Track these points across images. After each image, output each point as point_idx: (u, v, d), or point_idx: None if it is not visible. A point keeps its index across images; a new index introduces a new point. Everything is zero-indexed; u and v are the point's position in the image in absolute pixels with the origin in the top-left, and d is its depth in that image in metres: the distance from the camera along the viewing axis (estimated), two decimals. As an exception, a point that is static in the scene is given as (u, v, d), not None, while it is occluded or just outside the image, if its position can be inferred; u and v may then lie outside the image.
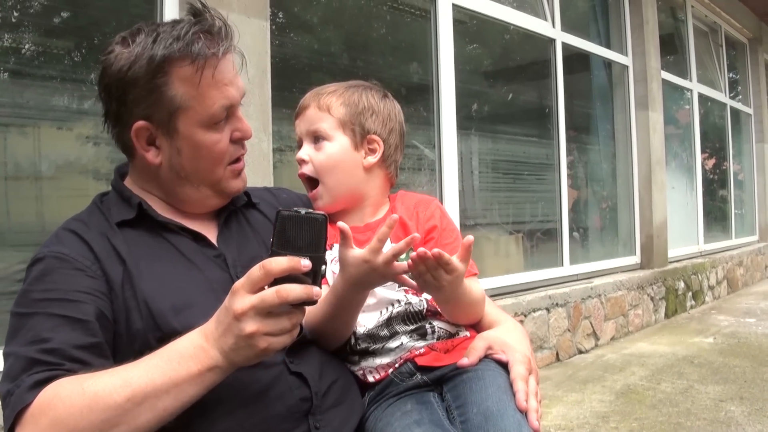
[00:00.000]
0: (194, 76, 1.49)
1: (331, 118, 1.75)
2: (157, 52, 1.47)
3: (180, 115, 1.51)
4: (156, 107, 1.50)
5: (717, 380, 5.03)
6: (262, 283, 1.23)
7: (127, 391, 1.23)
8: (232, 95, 1.55)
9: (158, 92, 1.49)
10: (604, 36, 7.84)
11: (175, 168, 1.57)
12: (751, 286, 10.65)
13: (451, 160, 5.20)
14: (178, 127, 1.52)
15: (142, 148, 1.55)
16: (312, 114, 1.76)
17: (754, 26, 11.95)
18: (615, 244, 7.86)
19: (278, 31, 4.44)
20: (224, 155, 1.59)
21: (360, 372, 1.67)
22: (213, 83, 1.51)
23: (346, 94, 1.78)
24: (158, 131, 1.53)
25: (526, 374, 1.57)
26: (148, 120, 1.52)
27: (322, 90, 1.80)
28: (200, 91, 1.50)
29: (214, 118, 1.54)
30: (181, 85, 1.49)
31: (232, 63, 1.57)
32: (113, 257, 1.47)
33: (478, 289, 1.71)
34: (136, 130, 1.53)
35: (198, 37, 1.49)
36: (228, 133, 1.58)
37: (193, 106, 1.51)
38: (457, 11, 5.36)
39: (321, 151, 1.75)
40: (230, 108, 1.57)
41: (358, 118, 1.76)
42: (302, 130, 1.79)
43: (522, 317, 5.26)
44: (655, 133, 7.92)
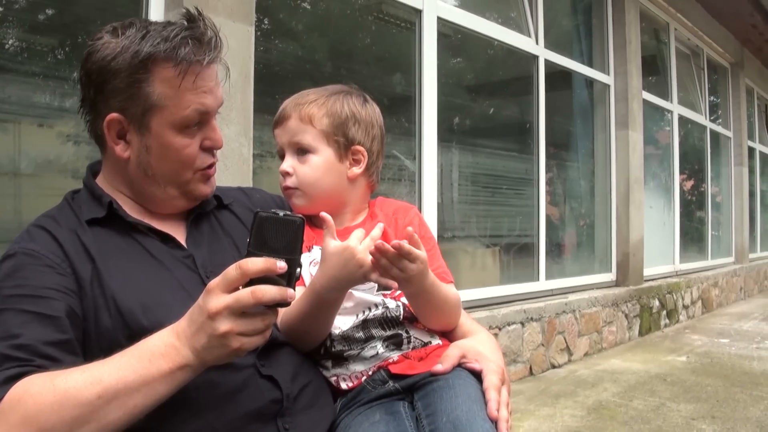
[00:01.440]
0: (175, 78, 1.50)
1: (314, 129, 1.74)
2: (143, 48, 1.48)
3: (154, 114, 1.52)
4: (132, 102, 1.51)
5: (689, 399, 5.05)
6: (237, 283, 1.24)
7: (97, 388, 1.23)
8: (208, 103, 1.56)
9: (136, 87, 1.50)
10: (586, 54, 7.91)
11: (143, 165, 1.57)
12: (725, 307, 10.72)
13: (431, 172, 5.22)
14: (151, 125, 1.53)
15: (111, 140, 1.56)
16: (293, 125, 1.75)
17: (736, 51, 12.09)
18: (591, 261, 7.90)
19: (263, 37, 4.45)
20: (192, 161, 1.59)
21: (333, 379, 1.67)
22: (192, 88, 1.52)
23: (327, 103, 1.76)
24: (130, 126, 1.54)
25: (499, 384, 1.58)
26: (122, 113, 1.52)
27: (301, 99, 1.77)
28: (178, 93, 1.51)
29: (186, 121, 1.54)
30: (161, 85, 1.50)
31: (215, 73, 1.58)
32: (83, 255, 1.47)
33: (453, 292, 1.73)
34: (109, 122, 1.53)
35: (186, 42, 1.50)
36: (199, 140, 1.59)
37: (168, 107, 1.52)
38: (441, 24, 5.39)
39: (305, 164, 1.74)
40: (204, 114, 1.57)
41: (342, 128, 1.75)
42: (283, 141, 1.78)
43: (496, 330, 5.27)
44: (634, 152, 7.98)
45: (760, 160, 14.48)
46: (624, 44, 7.93)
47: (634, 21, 8.12)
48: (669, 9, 9.37)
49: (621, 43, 7.95)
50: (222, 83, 1.63)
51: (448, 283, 1.74)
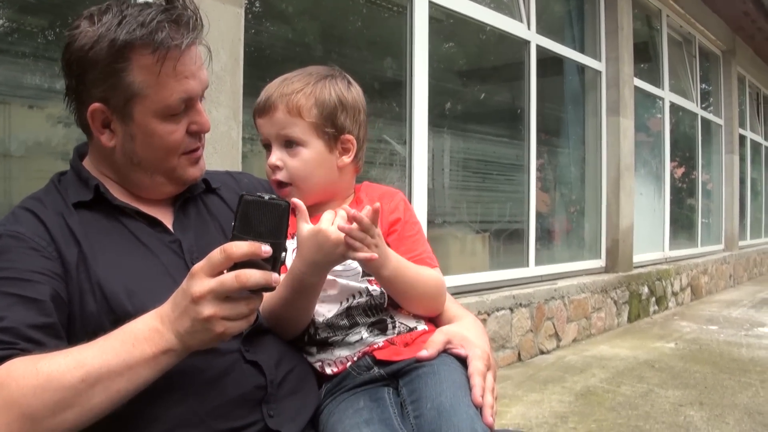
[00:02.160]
0: (154, 65, 1.47)
1: (303, 122, 1.69)
2: (119, 36, 1.45)
3: (136, 102, 1.50)
4: (113, 91, 1.49)
5: (677, 385, 5.08)
6: (221, 267, 1.23)
7: (80, 372, 1.23)
8: (191, 88, 1.54)
9: (117, 77, 1.48)
10: (578, 40, 7.90)
11: (128, 153, 1.56)
12: (714, 294, 10.78)
13: (421, 157, 5.21)
14: (134, 114, 1.51)
15: (96, 130, 1.54)
16: (281, 118, 1.69)
17: (728, 39, 12.09)
18: (581, 247, 7.93)
19: (254, 20, 4.42)
20: (178, 146, 1.57)
21: (318, 364, 1.66)
22: (173, 74, 1.49)
23: (315, 91, 1.71)
24: (113, 115, 1.52)
25: (485, 370, 1.57)
26: (104, 103, 1.50)
27: (287, 88, 1.71)
28: (159, 80, 1.49)
29: (170, 110, 1.52)
30: (141, 73, 1.48)
31: (197, 55, 1.55)
32: (69, 238, 1.46)
33: (434, 276, 1.70)
34: (92, 112, 1.51)
35: (163, 26, 1.47)
36: (185, 125, 1.57)
37: (150, 95, 1.49)
38: (433, 9, 5.37)
39: (296, 158, 1.70)
40: (189, 100, 1.55)
41: (331, 118, 1.72)
42: (270, 133, 1.72)
43: (485, 316, 5.29)
44: (625, 138, 7.99)
45: (751, 148, 14.54)
46: (616, 30, 7.91)
47: (627, 7, 8.10)
48: (661, -5, 9.38)
49: (613, 29, 7.94)
50: (206, 64, 1.60)
51: (427, 265, 1.72)
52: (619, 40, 7.92)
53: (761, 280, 13.38)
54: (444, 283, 1.75)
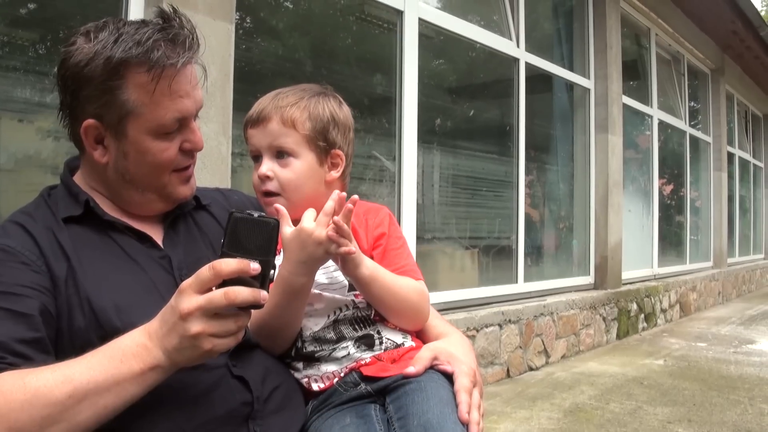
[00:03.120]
0: (149, 84, 1.48)
1: (296, 133, 1.71)
2: (115, 53, 1.45)
3: (130, 120, 1.50)
4: (107, 108, 1.49)
5: (666, 402, 5.09)
6: (210, 284, 1.24)
7: (68, 387, 1.23)
8: (186, 108, 1.54)
9: (111, 94, 1.48)
10: (567, 58, 7.95)
11: (120, 170, 1.56)
12: (703, 311, 10.81)
13: (411, 173, 5.22)
14: (127, 131, 1.51)
15: (89, 146, 1.54)
16: (275, 129, 1.70)
17: (717, 57, 12.19)
18: (569, 264, 7.94)
19: (244, 35, 4.43)
20: (170, 163, 1.58)
21: (305, 380, 1.66)
22: (168, 93, 1.50)
23: (309, 106, 1.73)
24: (107, 132, 1.52)
25: (471, 386, 1.58)
26: (98, 119, 1.51)
27: (281, 101, 1.73)
28: (153, 99, 1.49)
29: (164, 128, 1.53)
30: (135, 91, 1.48)
31: (192, 74, 1.56)
32: (58, 253, 1.46)
33: (412, 286, 1.70)
34: (85, 128, 1.52)
35: (159, 44, 1.47)
36: (178, 143, 1.58)
37: (144, 114, 1.50)
38: (423, 26, 5.40)
39: (287, 168, 1.71)
40: (183, 120, 1.56)
41: (323, 132, 1.73)
42: (262, 143, 1.73)
43: (474, 332, 5.29)
44: (613, 155, 8.03)
45: (739, 165, 14.64)
46: (605, 49, 7.97)
47: (615, 26, 8.17)
48: (650, 14, 9.45)
49: (602, 48, 8.00)
50: (201, 83, 1.61)
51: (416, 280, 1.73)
52: (607, 59, 7.98)
53: (750, 297, 13.42)
54: (427, 295, 1.76)
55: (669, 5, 9.76)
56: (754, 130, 16.15)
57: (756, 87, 14.93)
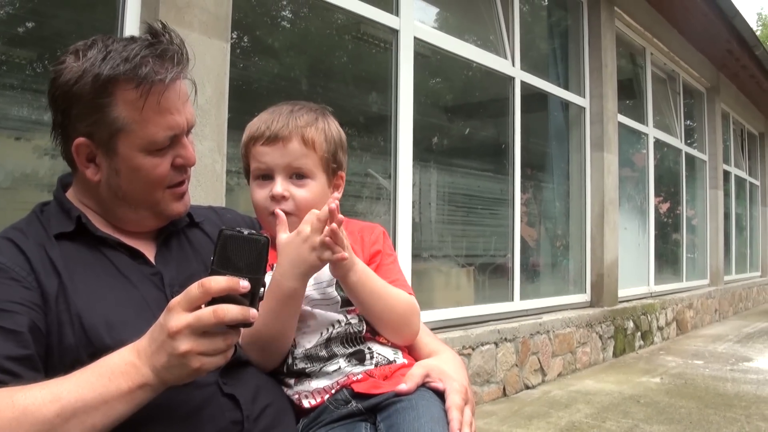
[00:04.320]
0: (138, 100, 1.48)
1: (315, 155, 1.70)
2: (103, 71, 1.46)
3: (121, 138, 1.51)
4: (98, 126, 1.50)
5: (662, 420, 5.07)
6: (199, 302, 1.23)
7: (56, 406, 1.22)
8: (177, 123, 1.55)
9: (101, 112, 1.49)
10: (562, 77, 7.99)
11: (113, 188, 1.56)
12: (700, 329, 10.79)
13: (406, 191, 5.23)
14: (118, 148, 1.52)
15: (81, 164, 1.55)
16: (296, 149, 1.69)
17: (712, 76, 12.24)
18: (565, 282, 7.94)
19: (241, 54, 4.45)
20: (163, 180, 1.58)
21: (296, 397, 1.65)
22: (158, 110, 1.51)
23: (324, 127, 1.73)
24: (98, 150, 1.53)
25: (462, 404, 1.58)
26: (89, 137, 1.51)
27: (299, 120, 1.70)
28: (143, 116, 1.50)
29: (155, 145, 1.53)
30: (125, 108, 1.49)
31: (183, 90, 1.56)
32: (49, 269, 1.46)
33: (402, 297, 1.70)
34: (77, 146, 1.52)
35: (147, 60, 1.48)
36: (170, 159, 1.58)
37: (135, 131, 1.50)
38: (418, 44, 5.43)
39: (304, 189, 1.71)
40: (175, 137, 1.56)
41: (335, 154, 1.75)
42: (278, 162, 1.70)
43: (470, 350, 5.28)
44: (609, 174, 8.05)
45: (735, 183, 14.65)
46: (600, 67, 8.01)
47: (611, 45, 8.21)
48: (645, 34, 9.50)
49: (597, 67, 8.04)
50: (192, 97, 1.61)
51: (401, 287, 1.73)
52: (603, 78, 8.01)
53: (747, 314, 13.39)
54: (417, 309, 1.76)
55: (664, 24, 9.82)
56: (750, 149, 16.19)
57: (751, 105, 14.98)
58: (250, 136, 1.73)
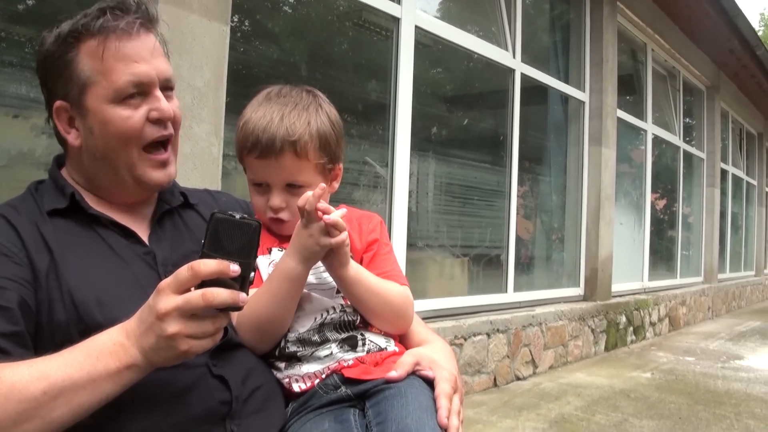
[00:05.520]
0: (98, 49, 1.50)
1: (310, 164, 1.69)
2: (64, 28, 1.50)
3: (88, 91, 1.51)
4: (68, 84, 1.51)
5: (652, 415, 5.09)
6: (188, 285, 1.23)
7: (43, 383, 1.22)
8: (141, 71, 1.53)
9: (69, 68, 1.51)
10: (563, 70, 7.98)
11: (91, 149, 1.56)
12: (692, 326, 10.83)
13: (403, 180, 5.23)
14: (88, 103, 1.52)
15: (64, 131, 1.55)
16: (289, 164, 1.67)
17: (713, 74, 12.24)
18: (559, 275, 7.96)
19: (242, 38, 4.44)
20: (135, 133, 1.55)
21: (286, 380, 1.65)
22: (120, 57, 1.51)
23: (318, 126, 1.69)
24: (73, 110, 1.54)
25: (451, 392, 1.58)
26: (65, 99, 1.53)
27: (290, 128, 1.65)
28: (105, 65, 1.50)
29: (121, 93, 1.52)
30: (89, 60, 1.50)
31: (149, 44, 1.56)
32: (41, 246, 1.45)
33: (396, 290, 1.71)
34: (56, 111, 1.54)
35: (104, 12, 1.50)
36: (143, 112, 1.55)
37: (100, 81, 1.50)
38: (419, 33, 5.42)
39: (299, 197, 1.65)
40: (142, 85, 1.54)
41: (329, 153, 1.73)
42: (273, 177, 1.69)
43: (462, 341, 5.29)
44: (606, 169, 8.05)
45: (732, 182, 14.68)
46: (601, 62, 8.01)
47: (612, 40, 8.20)
48: (647, 30, 9.49)
49: (598, 61, 8.03)
50: (164, 53, 1.61)
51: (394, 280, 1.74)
52: (603, 72, 8.01)
53: (739, 313, 13.44)
54: (411, 300, 1.76)
55: (666, 21, 9.80)
56: (749, 148, 16.20)
57: (751, 105, 14.99)
58: (244, 145, 1.70)
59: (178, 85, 1.73)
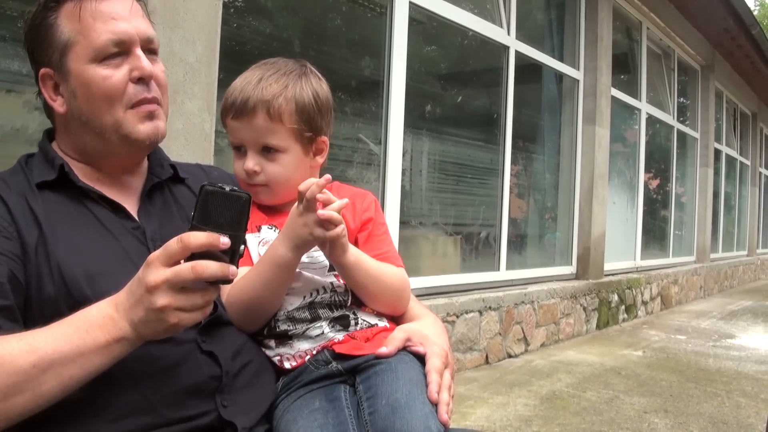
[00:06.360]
0: (75, 8, 1.49)
1: (284, 128, 1.67)
2: None
3: (69, 52, 1.50)
4: (50, 48, 1.51)
5: (643, 392, 5.13)
6: (178, 257, 1.22)
7: (33, 356, 1.21)
8: (121, 29, 1.51)
9: (50, 33, 1.50)
10: (557, 48, 7.96)
11: (76, 113, 1.54)
12: (684, 305, 10.89)
13: (396, 157, 5.22)
14: (69, 66, 1.51)
15: (50, 98, 1.54)
16: (262, 124, 1.66)
17: (708, 54, 12.22)
18: (552, 253, 7.98)
19: (235, 13, 4.41)
20: (117, 92, 1.53)
21: (277, 358, 1.65)
22: (98, 16, 1.50)
23: (295, 94, 1.68)
24: (57, 75, 1.52)
25: (442, 367, 1.57)
26: (48, 66, 1.52)
27: (266, 91, 1.66)
28: (83, 24, 1.49)
29: (100, 53, 1.50)
30: (68, 22, 1.50)
31: (129, 3, 1.56)
32: (30, 220, 1.44)
33: (396, 273, 1.72)
34: (42, 78, 1.53)
35: None
36: (125, 72, 1.53)
37: (79, 41, 1.49)
38: (413, 10, 5.39)
39: (275, 162, 1.69)
40: (122, 44, 1.52)
41: (309, 122, 1.70)
42: (247, 138, 1.69)
43: (454, 318, 5.31)
44: (600, 147, 8.05)
45: (726, 162, 14.72)
46: (595, 40, 7.98)
47: (607, 18, 8.17)
48: (642, 8, 9.45)
49: (592, 40, 8.01)
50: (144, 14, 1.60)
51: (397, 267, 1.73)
52: (598, 51, 7.99)
53: (731, 292, 13.52)
54: (408, 282, 1.76)
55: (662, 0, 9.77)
56: (742, 128, 16.23)
57: (745, 85, 14.99)
58: (223, 107, 1.72)
59: (170, 59, 1.72)
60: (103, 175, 1.61)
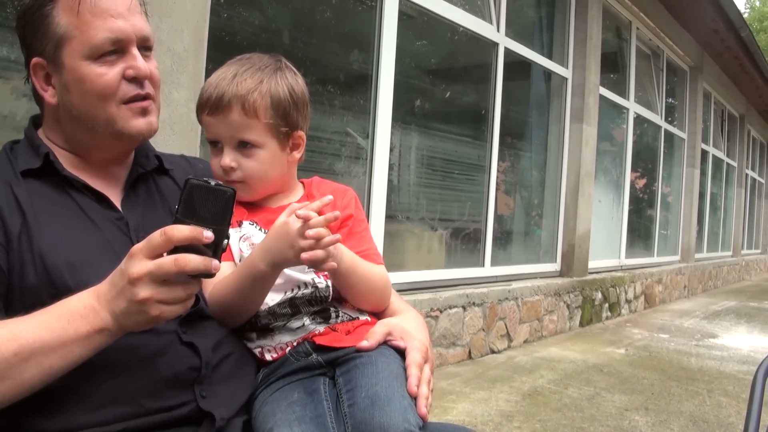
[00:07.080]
0: (74, 2, 1.47)
1: (259, 123, 1.66)
2: None
3: (64, 46, 1.49)
4: (45, 39, 1.49)
5: (624, 390, 5.16)
6: (161, 250, 1.22)
7: (14, 345, 1.22)
8: (119, 28, 1.51)
9: (46, 23, 1.49)
10: (547, 46, 7.97)
11: (67, 107, 1.53)
12: (668, 304, 10.95)
13: (383, 152, 5.22)
14: (63, 59, 1.50)
15: (41, 88, 1.53)
16: (237, 120, 1.65)
17: (696, 55, 12.27)
18: (537, 250, 8.01)
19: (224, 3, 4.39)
20: (111, 90, 1.53)
21: (258, 350, 1.66)
22: (97, 12, 1.49)
23: (270, 89, 1.68)
24: (49, 66, 1.52)
25: (422, 362, 1.58)
26: (41, 56, 1.51)
27: (241, 86, 1.66)
28: (81, 19, 1.48)
29: (96, 50, 1.49)
30: (65, 14, 1.48)
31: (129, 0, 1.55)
32: (13, 208, 1.44)
33: (380, 273, 1.73)
34: (33, 67, 1.52)
35: None
36: (119, 69, 1.53)
37: (76, 36, 1.48)
38: (403, 4, 5.38)
39: (251, 158, 1.68)
40: (120, 43, 1.52)
41: (285, 117, 1.70)
42: (222, 133, 1.69)
43: (438, 313, 5.32)
44: (587, 146, 8.08)
45: (712, 163, 14.78)
46: (585, 39, 8.00)
47: (597, 17, 8.20)
48: (632, 8, 9.48)
49: (582, 38, 8.03)
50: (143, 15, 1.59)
51: (378, 264, 1.74)
52: (587, 49, 8.01)
53: (715, 292, 13.61)
54: (389, 279, 1.77)
55: (652, 0, 9.80)
56: (730, 130, 16.31)
57: (733, 87, 15.06)
58: (198, 102, 1.71)
59: (157, 48, 1.71)
60: (88, 165, 1.61)
